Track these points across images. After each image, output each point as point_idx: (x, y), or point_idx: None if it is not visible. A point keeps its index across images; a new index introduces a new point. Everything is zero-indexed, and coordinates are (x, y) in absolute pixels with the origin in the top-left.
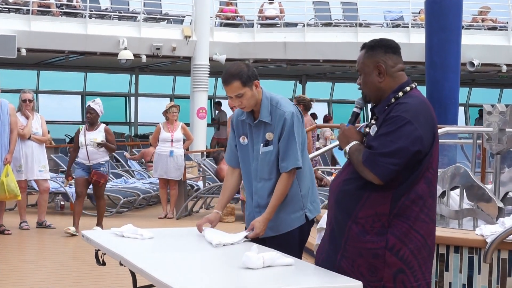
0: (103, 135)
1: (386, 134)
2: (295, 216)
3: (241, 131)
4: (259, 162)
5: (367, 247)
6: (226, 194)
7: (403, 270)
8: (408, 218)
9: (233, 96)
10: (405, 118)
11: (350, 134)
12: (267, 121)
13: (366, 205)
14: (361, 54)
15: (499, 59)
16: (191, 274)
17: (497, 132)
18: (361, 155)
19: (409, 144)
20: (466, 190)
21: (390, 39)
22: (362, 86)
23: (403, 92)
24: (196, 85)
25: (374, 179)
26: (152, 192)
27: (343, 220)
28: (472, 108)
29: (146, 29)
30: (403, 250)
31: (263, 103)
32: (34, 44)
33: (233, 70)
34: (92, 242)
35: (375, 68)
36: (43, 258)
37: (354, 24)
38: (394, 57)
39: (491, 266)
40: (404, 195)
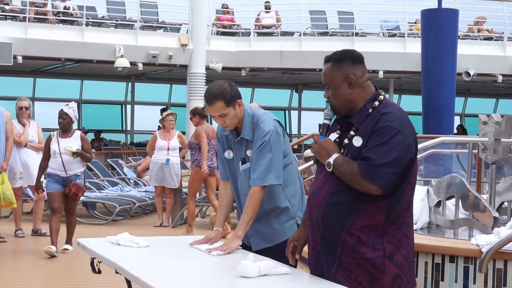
0: (79, 143)
1: (381, 145)
2: (288, 225)
3: (226, 146)
4: (241, 178)
5: (365, 257)
6: (223, 210)
7: (399, 275)
8: (401, 225)
9: (216, 116)
10: (395, 128)
11: (329, 146)
12: (249, 138)
13: (360, 217)
14: (327, 68)
15: (495, 69)
16: (186, 282)
17: (492, 142)
18: (355, 167)
19: (403, 153)
20: (461, 199)
21: (354, 50)
22: (332, 99)
23: (378, 101)
24: (193, 93)
25: (375, 190)
26: (148, 200)
27: (336, 233)
28: (468, 118)
29: (143, 37)
30: (397, 256)
31: (245, 120)
32: (30, 51)
33: (216, 89)
34: (87, 250)
35: (345, 80)
36: (38, 266)
37: (351, 34)
38: (361, 67)
39: (487, 275)
40: (397, 204)
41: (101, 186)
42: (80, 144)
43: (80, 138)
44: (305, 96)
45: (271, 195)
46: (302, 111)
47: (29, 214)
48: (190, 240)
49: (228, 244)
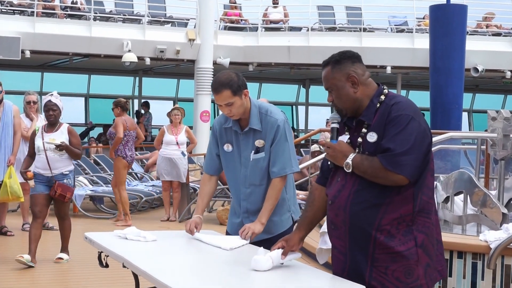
0: (66, 137)
1: (398, 134)
2: (285, 218)
3: (225, 139)
4: (249, 168)
5: (398, 251)
6: (205, 199)
7: (429, 264)
8: (429, 213)
9: (223, 105)
10: (408, 115)
11: (343, 148)
12: (258, 128)
13: (388, 211)
14: (327, 71)
15: (503, 65)
16: (193, 276)
17: (501, 138)
18: (376, 162)
19: (421, 138)
20: (470, 195)
21: (350, 50)
22: (337, 101)
23: (384, 95)
24: (200, 88)
25: (402, 179)
26: (155, 194)
27: (366, 231)
28: (476, 114)
29: (150, 32)
30: (427, 244)
31: (252, 111)
32: (38, 46)
33: (224, 79)
34: (95, 244)
35: (347, 80)
36: (45, 260)
37: (358, 29)
38: (360, 65)
39: (495, 272)
40: (421, 191)
41: (108, 181)
42: (68, 139)
43: (67, 132)
44: (313, 91)
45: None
46: (309, 106)
47: None
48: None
49: (252, 228)
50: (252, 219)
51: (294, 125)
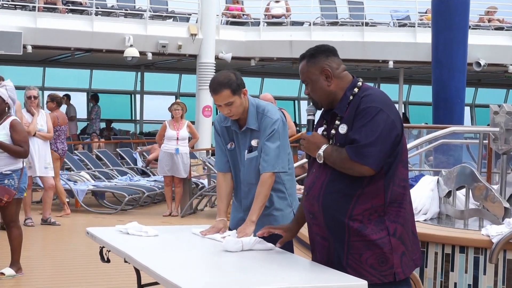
0: (6, 132)
1: (364, 126)
2: (286, 212)
3: (227, 138)
4: (246, 168)
5: (371, 239)
6: (224, 200)
7: (404, 252)
8: (401, 203)
9: (222, 105)
10: (376, 107)
11: (317, 140)
12: (255, 128)
13: (360, 201)
14: (303, 65)
15: (506, 59)
16: (195, 271)
17: (503, 132)
18: (343, 153)
19: (388, 130)
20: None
21: (326, 44)
22: (312, 94)
23: (357, 88)
24: (202, 83)
25: (367, 170)
26: (157, 190)
27: (339, 221)
28: (478, 108)
29: (152, 27)
30: (402, 233)
31: (249, 111)
32: (40, 41)
33: (222, 78)
34: (97, 239)
35: (321, 73)
36: (47, 255)
37: (361, 23)
38: (335, 59)
39: (497, 266)
40: (391, 182)
41: (110, 176)
42: (9, 134)
43: (9, 126)
44: None
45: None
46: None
47: (39, 203)
48: (196, 230)
49: (244, 231)
50: None
51: (296, 119)
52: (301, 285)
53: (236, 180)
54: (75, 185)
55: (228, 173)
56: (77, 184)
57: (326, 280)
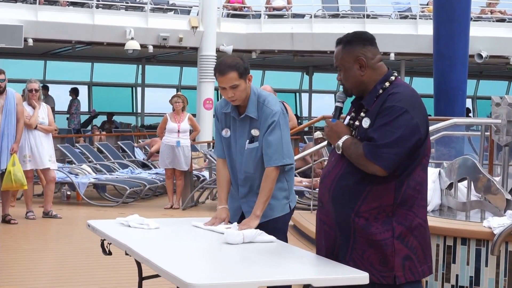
0: None
1: (385, 125)
2: (282, 203)
3: (224, 124)
4: (244, 157)
5: (375, 238)
6: (224, 187)
7: (409, 257)
8: (412, 206)
9: (227, 87)
10: (402, 108)
11: (339, 129)
12: (254, 116)
13: (368, 199)
14: (338, 50)
15: (508, 51)
16: (196, 264)
17: (505, 124)
18: (360, 148)
19: (409, 133)
20: (473, 182)
21: (365, 31)
22: (344, 81)
23: (389, 82)
24: (203, 75)
25: (379, 170)
26: (158, 182)
27: (346, 215)
28: (480, 100)
29: (153, 20)
30: (408, 237)
31: (251, 99)
32: (41, 34)
33: (230, 61)
34: (98, 232)
35: (355, 62)
36: (49, 248)
37: (362, 16)
38: (372, 48)
39: (499, 258)
40: (405, 184)
41: (111, 168)
42: None
43: None
44: (316, 79)
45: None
46: (312, 93)
47: (40, 196)
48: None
49: (248, 224)
50: (250, 203)
51: (297, 112)
52: (301, 276)
53: (231, 167)
54: (76, 178)
55: (226, 160)
56: (79, 177)
57: (327, 272)
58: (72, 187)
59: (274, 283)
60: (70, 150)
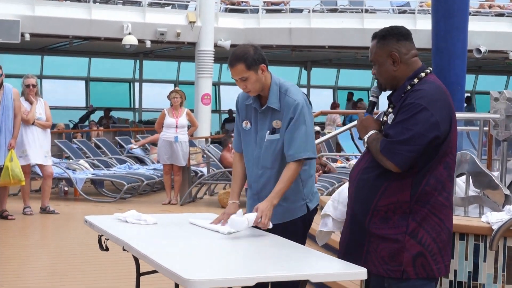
0: None
1: (402, 122)
2: (297, 206)
3: (245, 116)
4: (263, 150)
5: (389, 233)
6: (238, 182)
7: (422, 253)
8: (427, 203)
9: (238, 79)
10: (420, 105)
11: (368, 124)
12: (276, 107)
13: (386, 194)
14: (373, 44)
15: (506, 46)
16: (194, 260)
17: (504, 118)
18: (379, 144)
19: (425, 131)
20: (472, 177)
21: (401, 26)
22: (377, 75)
23: (418, 78)
24: (201, 71)
25: (392, 167)
26: (156, 178)
27: (365, 209)
28: (479, 95)
29: (151, 14)
30: (421, 233)
31: (272, 89)
32: (38, 29)
33: (239, 52)
34: (95, 228)
35: (389, 57)
36: (46, 243)
37: (360, 10)
38: (407, 44)
39: (497, 253)
40: (424, 181)
41: (109, 164)
42: None
43: None
44: (314, 74)
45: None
46: (311, 88)
47: (37, 192)
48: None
49: (267, 214)
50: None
51: None
52: (299, 272)
53: (247, 162)
54: (74, 174)
55: (242, 154)
56: (76, 173)
57: (325, 268)
58: (70, 183)
59: (271, 278)
60: (68, 145)
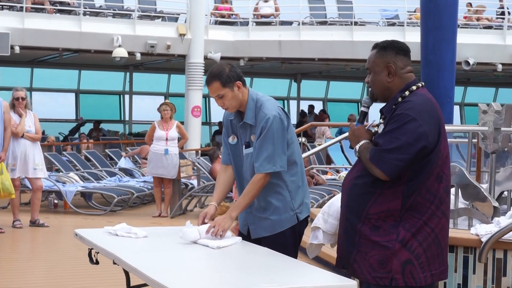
0: None
1: (390, 131)
2: (285, 217)
3: (231, 131)
4: (245, 163)
5: (377, 240)
6: (220, 188)
7: (411, 261)
8: (422, 214)
9: (215, 97)
10: (409, 115)
11: (359, 133)
12: (251, 123)
13: (377, 202)
14: (372, 53)
15: (495, 58)
16: (184, 273)
17: (492, 131)
18: (368, 153)
19: (414, 140)
20: (461, 189)
21: (402, 42)
22: (371, 84)
23: (409, 91)
24: (191, 83)
25: (381, 175)
26: (146, 190)
27: (355, 217)
28: (468, 107)
29: (141, 27)
30: (412, 242)
31: (248, 105)
32: (28, 41)
33: (215, 70)
34: (85, 241)
35: (385, 68)
36: (36, 257)
37: (349, 23)
38: (404, 59)
39: (486, 265)
40: (415, 192)
41: (99, 177)
42: None
43: None
44: (304, 86)
45: (272, 184)
46: (300, 100)
47: (27, 205)
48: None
49: (221, 224)
50: (254, 214)
51: None
52: (288, 285)
53: (238, 176)
54: (64, 187)
55: (229, 166)
56: (66, 186)
57: (312, 281)
58: (59, 196)
59: None
60: (57, 158)
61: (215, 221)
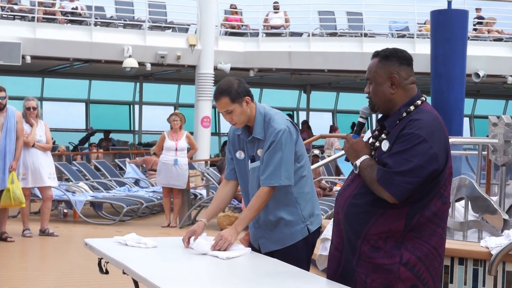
0: None
1: (401, 152)
2: (296, 229)
3: (238, 146)
4: (250, 178)
5: (380, 263)
6: (215, 204)
7: (416, 285)
8: (423, 235)
9: (223, 112)
10: (420, 136)
11: (359, 148)
12: (260, 137)
13: (379, 222)
14: (373, 62)
15: (505, 70)
16: (194, 283)
17: (502, 143)
18: (375, 173)
19: (425, 163)
20: (471, 201)
21: (404, 50)
22: (372, 95)
23: (414, 106)
24: (201, 93)
25: (389, 197)
26: (156, 200)
27: (354, 236)
28: (478, 119)
29: (151, 37)
30: (418, 266)
31: (257, 120)
32: (39, 51)
33: (223, 85)
34: (95, 251)
35: (388, 79)
36: (45, 266)
37: (359, 34)
38: (407, 69)
39: (496, 278)
40: (419, 213)
41: (108, 186)
42: None
43: None
44: (314, 97)
45: (281, 198)
46: (310, 112)
47: (37, 214)
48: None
49: (227, 238)
50: (264, 228)
51: None
52: None
53: (245, 191)
54: (74, 196)
55: (231, 181)
56: (76, 195)
57: None
58: (69, 205)
59: None
60: (67, 167)
61: (221, 235)
